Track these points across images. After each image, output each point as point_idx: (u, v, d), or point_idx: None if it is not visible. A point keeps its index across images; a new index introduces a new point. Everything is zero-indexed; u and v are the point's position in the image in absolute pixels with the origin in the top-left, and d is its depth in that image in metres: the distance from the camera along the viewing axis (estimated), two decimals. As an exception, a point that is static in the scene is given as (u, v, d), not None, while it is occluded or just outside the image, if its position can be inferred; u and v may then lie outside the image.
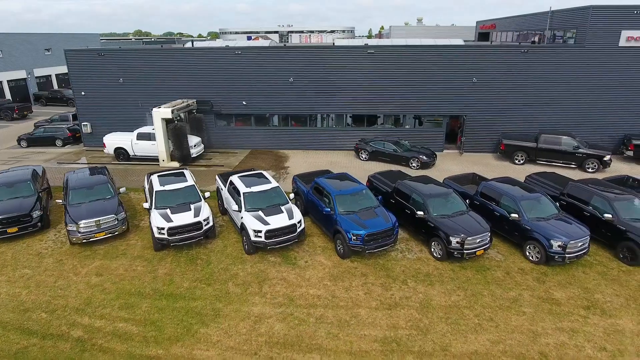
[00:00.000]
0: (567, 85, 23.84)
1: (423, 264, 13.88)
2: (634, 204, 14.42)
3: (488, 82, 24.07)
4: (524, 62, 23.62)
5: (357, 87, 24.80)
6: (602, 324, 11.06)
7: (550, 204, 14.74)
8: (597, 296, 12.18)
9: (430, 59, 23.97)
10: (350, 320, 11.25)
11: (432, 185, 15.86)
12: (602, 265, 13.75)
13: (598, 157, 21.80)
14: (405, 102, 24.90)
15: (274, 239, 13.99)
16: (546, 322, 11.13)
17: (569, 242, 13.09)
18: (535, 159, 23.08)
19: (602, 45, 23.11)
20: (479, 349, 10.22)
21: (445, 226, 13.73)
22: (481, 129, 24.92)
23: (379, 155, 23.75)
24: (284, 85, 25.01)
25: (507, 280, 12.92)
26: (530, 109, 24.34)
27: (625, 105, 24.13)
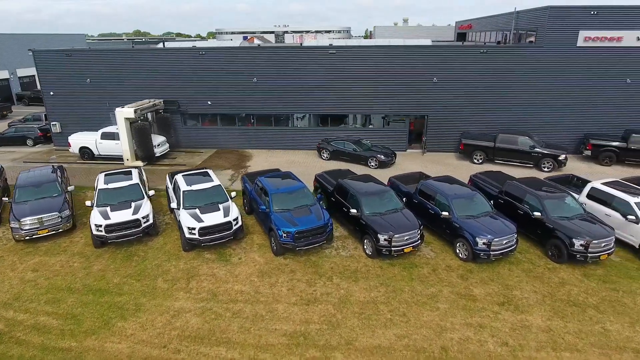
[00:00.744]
0: (527, 85, 23.99)
1: (354, 261, 14.10)
2: (564, 202, 14.61)
3: (449, 82, 24.24)
4: (484, 62, 23.80)
5: (322, 87, 25.01)
6: (512, 319, 11.26)
7: (484, 202, 14.94)
8: (515, 293, 12.37)
9: (392, 59, 24.15)
10: (265, 315, 11.50)
11: (371, 183, 16.09)
12: (530, 262, 13.94)
13: (553, 157, 21.95)
14: (368, 102, 25.10)
15: (208, 236, 14.26)
16: (457, 317, 11.34)
17: (493, 240, 13.30)
18: (494, 158, 23.26)
19: (560, 45, 23.26)
20: (382, 343, 10.45)
21: (376, 224, 13.95)
22: (443, 129, 25.11)
23: (339, 154, 23.98)
24: (248, 85, 25.27)
25: (432, 277, 13.13)
26: (491, 109, 24.51)
27: (585, 105, 24.25)
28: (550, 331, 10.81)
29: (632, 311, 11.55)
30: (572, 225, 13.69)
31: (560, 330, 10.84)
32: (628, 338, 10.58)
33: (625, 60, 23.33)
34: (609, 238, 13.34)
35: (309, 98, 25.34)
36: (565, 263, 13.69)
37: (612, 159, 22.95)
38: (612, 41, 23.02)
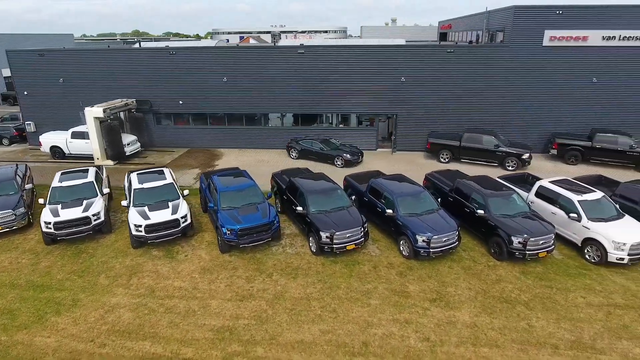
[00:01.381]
0: (494, 84, 24.10)
1: (298, 258, 14.24)
2: (509, 200, 14.72)
3: (418, 82, 24.37)
4: (451, 62, 23.91)
5: (293, 87, 25.18)
6: (440, 315, 11.38)
7: (430, 200, 15.06)
8: (449, 289, 12.49)
9: (361, 59, 24.29)
10: (198, 311, 11.65)
11: (321, 182, 16.22)
12: (472, 260, 14.04)
13: (517, 156, 22.04)
14: (339, 101, 25.25)
15: (154, 233, 14.43)
16: (386, 313, 11.46)
17: (432, 237, 13.42)
18: (460, 157, 23.37)
19: (526, 44, 23.35)
20: (306, 338, 10.58)
21: (319, 221, 14.08)
22: (412, 128, 25.23)
23: (307, 153, 24.14)
24: (219, 85, 25.46)
25: (371, 274, 13.26)
26: (459, 108, 24.62)
27: (552, 104, 24.33)
28: (474, 327, 10.93)
29: (561, 308, 11.65)
30: (513, 223, 13.80)
31: (485, 326, 10.96)
32: (550, 334, 10.68)
33: (591, 60, 23.41)
34: (548, 236, 13.43)
35: (280, 98, 25.51)
36: (506, 261, 13.80)
37: (578, 157, 23.01)
38: (577, 40, 23.11)
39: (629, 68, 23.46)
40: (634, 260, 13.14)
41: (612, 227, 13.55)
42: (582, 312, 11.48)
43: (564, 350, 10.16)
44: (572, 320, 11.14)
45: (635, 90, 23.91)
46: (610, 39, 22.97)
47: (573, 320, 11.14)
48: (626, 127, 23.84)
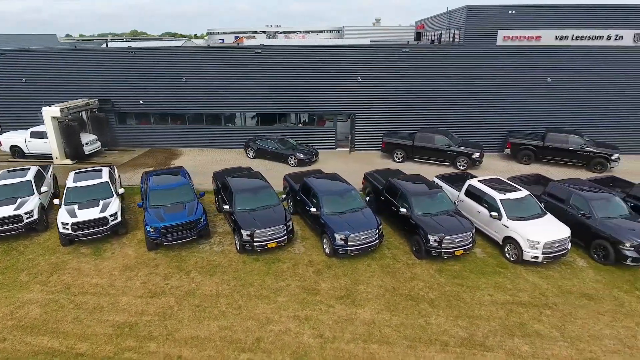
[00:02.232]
0: (450, 84, 24.16)
1: (222, 256, 14.39)
2: (433, 199, 14.82)
3: (375, 82, 24.47)
4: (407, 61, 23.99)
5: (253, 86, 25.31)
6: (342, 313, 11.50)
7: (357, 199, 15.19)
8: (360, 287, 12.60)
9: (320, 58, 24.40)
10: (106, 307, 11.83)
11: (256, 180, 16.37)
12: (393, 258, 14.14)
13: (468, 155, 22.10)
14: (298, 101, 25.39)
15: (82, 231, 14.64)
16: (289, 310, 11.60)
17: (349, 235, 13.54)
18: (413, 156, 23.46)
19: (480, 44, 23.40)
20: (202, 334, 10.74)
21: (242, 220, 14.24)
22: (371, 128, 25.32)
23: (263, 153, 24.30)
24: (179, 85, 25.64)
25: (288, 272, 13.39)
26: (416, 108, 24.71)
27: (508, 104, 24.37)
28: (372, 324, 11.04)
29: (465, 306, 11.74)
30: (432, 221, 13.91)
31: (382, 323, 11.07)
32: (445, 331, 10.78)
33: (545, 59, 23.42)
34: (465, 234, 13.53)
35: (240, 98, 25.67)
36: (425, 259, 13.92)
37: (531, 157, 23.05)
38: (530, 40, 23.13)
39: (583, 68, 23.47)
40: (549, 258, 13.21)
41: (529, 225, 13.62)
42: (485, 309, 11.57)
43: (452, 347, 10.27)
44: (471, 318, 11.24)
45: (588, 90, 23.92)
46: (564, 39, 22.98)
47: (472, 318, 11.24)
48: (580, 127, 23.88)
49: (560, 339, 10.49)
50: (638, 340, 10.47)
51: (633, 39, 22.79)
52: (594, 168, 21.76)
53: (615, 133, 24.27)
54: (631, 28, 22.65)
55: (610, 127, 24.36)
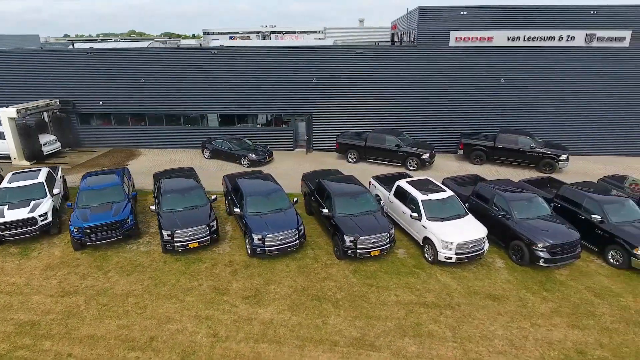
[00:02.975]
0: (405, 85, 24.24)
1: (146, 256, 14.53)
2: (357, 200, 14.90)
3: (330, 83, 24.57)
4: (362, 62, 24.07)
5: (211, 87, 25.47)
6: (243, 312, 11.61)
7: (283, 199, 15.28)
8: (271, 287, 12.72)
9: (277, 59, 24.52)
10: (15, 305, 11.99)
11: (191, 181, 16.47)
12: (313, 258, 14.22)
13: (417, 155, 22.17)
14: (256, 102, 25.52)
15: (9, 231, 14.82)
16: (192, 310, 11.72)
17: (267, 236, 13.66)
18: (365, 157, 23.55)
19: (433, 45, 23.45)
20: (98, 333, 10.88)
21: (164, 220, 14.39)
22: (328, 128, 25.42)
23: (218, 153, 24.46)
24: (138, 86, 25.80)
25: (205, 272, 13.50)
26: (371, 108, 24.79)
27: (462, 105, 24.42)
28: (269, 324, 11.15)
29: (368, 306, 11.82)
30: (350, 222, 13.99)
31: (279, 323, 11.17)
32: (338, 331, 10.87)
33: (498, 60, 23.46)
34: (381, 235, 13.61)
35: (199, 98, 25.81)
36: (344, 259, 14.00)
37: (483, 157, 23.09)
38: (483, 41, 23.18)
39: (535, 68, 23.50)
40: (462, 259, 13.29)
41: (445, 226, 13.70)
42: (386, 310, 11.66)
43: (341, 347, 10.36)
44: (369, 318, 11.33)
45: (540, 91, 23.95)
46: (516, 40, 23.02)
47: (370, 318, 11.33)
48: (533, 127, 23.96)
49: (451, 340, 10.57)
50: (528, 341, 10.53)
51: (584, 39, 22.80)
52: (543, 168, 21.79)
53: (567, 133, 24.38)
54: (582, 29, 22.66)
55: (561, 127, 24.43)
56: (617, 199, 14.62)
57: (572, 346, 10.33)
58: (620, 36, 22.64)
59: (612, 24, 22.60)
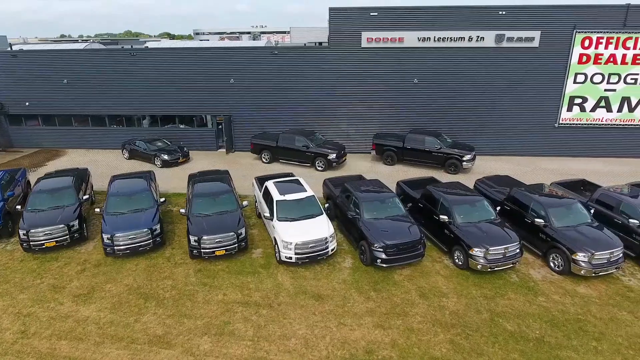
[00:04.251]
0: (320, 85, 24.33)
1: (7, 255, 14.78)
2: (215, 200, 15.04)
3: (249, 83, 24.73)
4: (278, 63, 24.21)
5: (134, 88, 25.67)
6: (65, 310, 11.75)
7: (148, 198, 15.47)
8: (107, 286, 12.87)
9: (198, 61, 24.71)
10: None
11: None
12: (167, 258, 14.31)
13: (324, 156, 22.27)
14: (178, 103, 25.69)
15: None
16: (17, 307, 11.90)
17: (115, 235, 13.85)
18: (278, 157, 23.68)
19: (346, 45, 23.53)
20: None
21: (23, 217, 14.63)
22: (248, 129, 25.54)
23: (135, 154, 24.73)
24: (63, 87, 26.07)
25: (53, 271, 13.62)
26: (288, 108, 24.91)
27: (377, 105, 24.48)
28: (83, 322, 11.25)
29: (190, 304, 11.92)
30: (199, 221, 14.13)
31: (92, 321, 11.28)
32: (145, 329, 11.01)
33: (410, 61, 23.48)
34: (227, 234, 13.72)
35: (122, 99, 26.03)
36: (194, 258, 14.16)
37: (393, 158, 23.13)
38: (394, 42, 23.21)
39: (446, 69, 23.50)
40: (302, 259, 13.37)
41: (290, 227, 13.80)
42: (204, 309, 11.77)
43: (138, 344, 10.48)
44: (182, 317, 11.45)
45: (452, 91, 23.95)
46: (426, 40, 23.02)
47: (183, 317, 11.45)
48: (446, 128, 24.00)
49: (249, 339, 10.68)
50: (324, 340, 10.58)
51: (494, 40, 22.75)
52: (449, 169, 21.79)
53: (479, 134, 24.45)
54: (491, 29, 22.62)
55: (473, 128, 24.50)
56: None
57: (364, 346, 10.41)
58: (529, 36, 22.56)
59: (521, 24, 22.54)
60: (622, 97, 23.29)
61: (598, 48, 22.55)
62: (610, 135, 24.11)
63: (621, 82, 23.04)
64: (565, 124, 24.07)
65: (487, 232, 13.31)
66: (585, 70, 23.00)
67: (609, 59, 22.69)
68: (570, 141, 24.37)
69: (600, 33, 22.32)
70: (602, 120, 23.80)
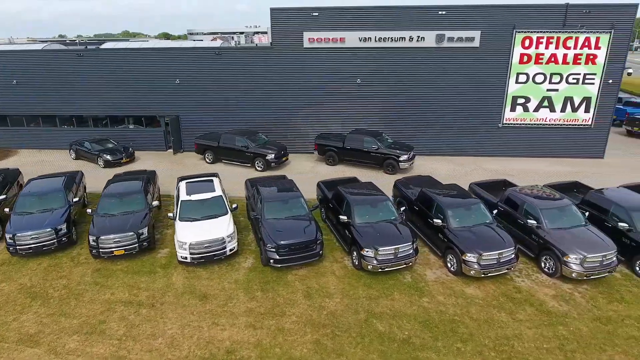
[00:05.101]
0: (263, 85, 24.31)
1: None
2: (121, 200, 15.11)
3: (194, 83, 24.74)
4: (222, 63, 24.23)
5: (82, 89, 25.60)
6: None
7: (59, 198, 15.54)
8: (2, 285, 13.02)
9: (145, 61, 24.76)
10: None
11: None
12: (71, 259, 14.34)
13: (262, 156, 22.27)
14: (127, 103, 25.69)
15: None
16: None
17: (16, 234, 13.93)
18: (220, 158, 23.72)
19: (288, 46, 23.52)
20: None
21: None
22: (196, 129, 25.56)
23: (81, 154, 24.85)
24: (12, 87, 26.13)
25: None
26: (234, 109, 24.92)
27: (320, 105, 24.44)
28: (-38, 320, 11.46)
29: (75, 303, 11.98)
30: (101, 221, 14.21)
31: (-28, 319, 11.49)
32: (19, 328, 11.08)
33: (352, 61, 23.44)
34: (123, 234, 13.72)
35: (73, 99, 26.04)
36: (98, 258, 14.22)
37: (335, 158, 23.09)
38: (335, 42, 23.17)
39: (389, 69, 23.44)
40: (197, 259, 13.38)
41: (188, 227, 13.83)
42: (86, 308, 11.79)
43: (5, 343, 10.57)
44: (61, 316, 11.49)
45: (395, 91, 23.89)
46: (367, 40, 22.97)
47: (62, 316, 11.49)
48: (389, 128, 23.99)
49: (117, 338, 10.69)
50: (191, 340, 10.58)
51: (435, 40, 22.66)
52: (387, 169, 21.73)
53: (422, 134, 24.46)
54: (432, 29, 22.54)
55: (416, 128, 24.46)
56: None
57: (228, 345, 10.41)
58: (469, 36, 22.45)
59: (461, 24, 22.43)
60: (564, 97, 23.12)
61: (539, 48, 22.40)
62: (553, 136, 23.94)
63: (563, 82, 22.87)
64: (509, 124, 23.93)
65: (380, 233, 13.29)
66: (527, 70, 22.85)
67: (550, 59, 22.54)
68: (514, 141, 24.22)
69: (540, 33, 22.17)
70: (546, 120, 23.64)
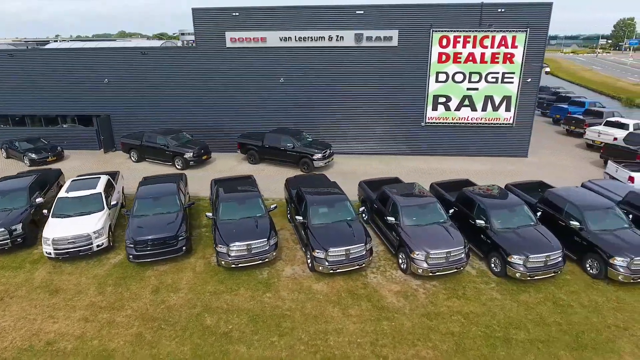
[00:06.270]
0: (189, 85, 24.52)
1: None
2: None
3: (122, 83, 24.97)
4: (148, 63, 24.49)
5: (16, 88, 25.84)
6: None
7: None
8: None
9: (77, 61, 25.08)
10: None
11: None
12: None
13: (181, 155, 22.49)
14: (59, 102, 25.86)
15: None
16: None
17: None
18: (145, 157, 23.97)
19: (211, 45, 23.73)
20: None
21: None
22: (126, 128, 25.79)
23: (11, 153, 25.18)
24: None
25: None
26: (162, 108, 25.14)
27: (244, 105, 24.63)
28: None
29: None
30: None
31: None
32: None
33: (274, 60, 23.61)
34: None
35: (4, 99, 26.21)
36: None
37: (255, 157, 23.27)
38: (257, 42, 23.36)
39: (310, 68, 23.62)
40: (62, 254, 13.50)
41: (58, 222, 14.07)
42: None
43: None
44: None
45: (317, 90, 24.06)
46: (288, 40, 23.14)
47: None
48: (312, 127, 24.15)
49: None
50: (20, 332, 10.79)
51: (354, 39, 22.78)
52: (302, 167, 21.87)
53: (345, 133, 24.67)
54: (350, 29, 22.67)
55: (339, 126, 24.65)
56: None
57: (51, 337, 10.58)
58: (387, 36, 22.55)
59: (378, 23, 22.54)
60: (485, 96, 23.14)
61: (456, 47, 22.45)
62: (476, 135, 23.97)
63: (482, 81, 22.89)
64: (431, 122, 23.98)
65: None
66: (446, 69, 22.90)
67: (468, 58, 22.57)
68: (437, 140, 24.28)
69: (457, 32, 22.22)
70: (468, 120, 23.66)
